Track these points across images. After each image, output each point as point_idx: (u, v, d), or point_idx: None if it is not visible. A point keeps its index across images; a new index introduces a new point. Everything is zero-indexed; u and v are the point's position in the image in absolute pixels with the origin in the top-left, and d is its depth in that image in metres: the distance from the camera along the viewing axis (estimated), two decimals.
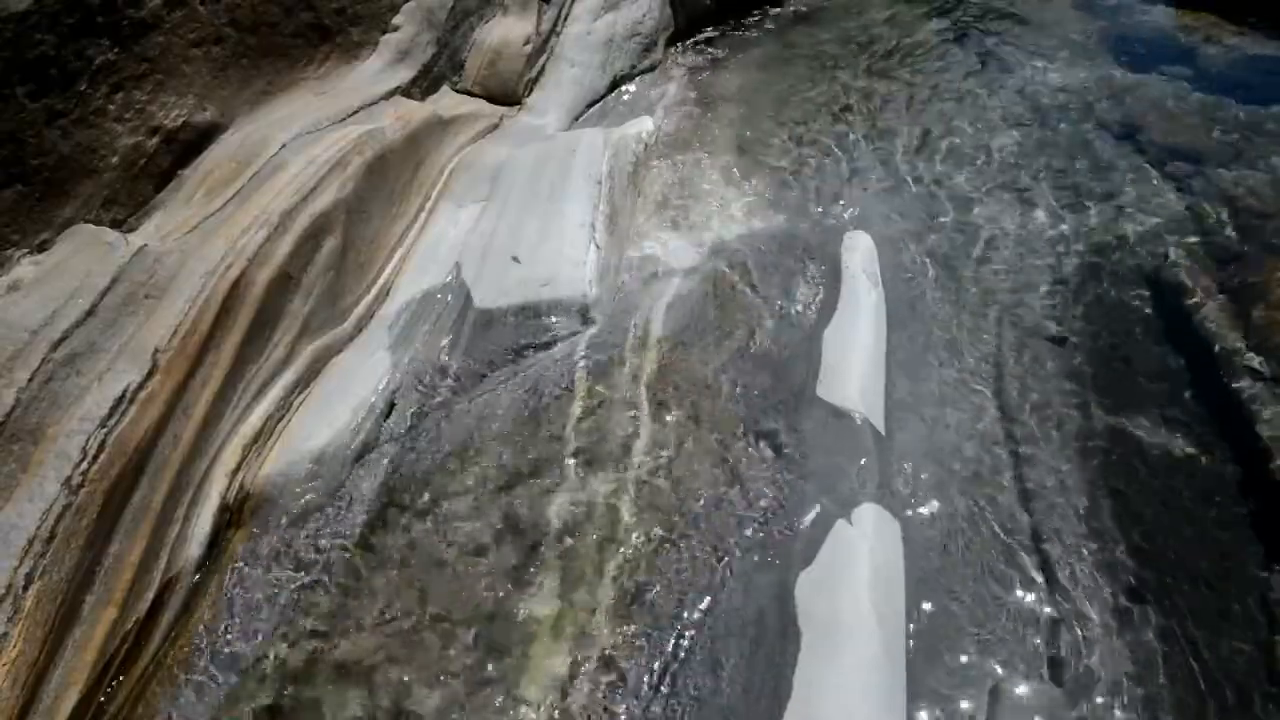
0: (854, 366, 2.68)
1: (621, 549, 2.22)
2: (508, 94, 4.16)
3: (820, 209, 3.67)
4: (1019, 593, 2.21)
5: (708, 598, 2.11)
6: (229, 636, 2.07)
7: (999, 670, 2.05)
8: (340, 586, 2.17)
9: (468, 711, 1.92)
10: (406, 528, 2.29)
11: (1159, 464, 2.53)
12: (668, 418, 2.56)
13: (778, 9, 5.59)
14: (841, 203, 3.70)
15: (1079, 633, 2.12)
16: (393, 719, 1.92)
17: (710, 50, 5.18)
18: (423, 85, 3.80)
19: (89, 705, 1.87)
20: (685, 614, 2.08)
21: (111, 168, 2.55)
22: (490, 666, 1.99)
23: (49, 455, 1.90)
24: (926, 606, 2.16)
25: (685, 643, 2.02)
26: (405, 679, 1.98)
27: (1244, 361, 2.71)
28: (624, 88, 4.67)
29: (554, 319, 2.87)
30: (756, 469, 2.42)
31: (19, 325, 2.04)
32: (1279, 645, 2.05)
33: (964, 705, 1.98)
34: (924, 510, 2.39)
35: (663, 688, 1.94)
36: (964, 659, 2.07)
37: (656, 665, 1.98)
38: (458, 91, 4.06)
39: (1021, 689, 2.01)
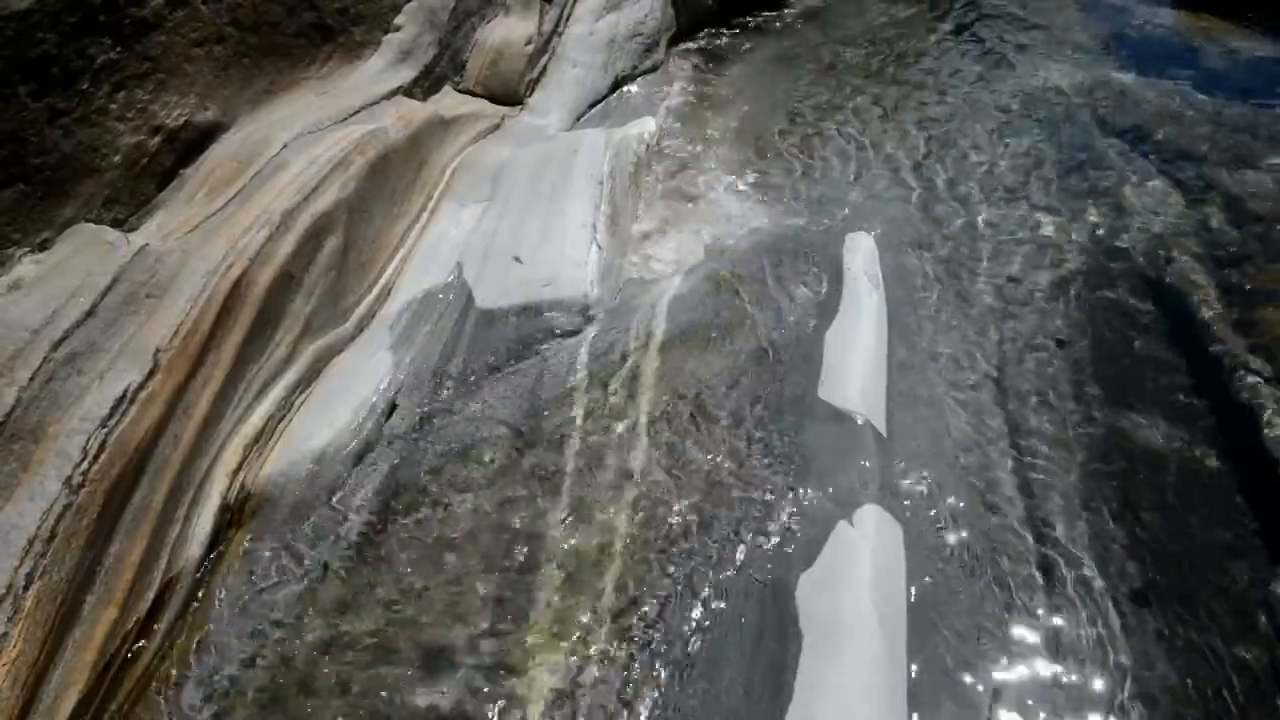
0: (855, 368, 2.68)
1: (622, 549, 2.22)
2: (509, 94, 4.16)
3: (822, 210, 3.66)
4: (1020, 593, 2.20)
5: (708, 599, 2.10)
6: (229, 636, 2.07)
7: (1001, 671, 2.05)
8: (341, 586, 2.17)
9: (468, 711, 1.91)
10: (407, 528, 2.29)
11: (1161, 465, 2.53)
12: (669, 418, 2.56)
13: (780, 10, 5.59)
14: (843, 204, 3.70)
15: (1080, 633, 2.12)
16: (393, 716, 1.91)
17: (712, 51, 5.18)
18: (424, 85, 3.80)
19: (89, 705, 1.87)
20: (686, 615, 2.07)
21: (113, 167, 2.55)
22: (491, 667, 1.99)
23: (50, 455, 1.90)
24: (928, 607, 2.15)
25: (686, 644, 2.02)
26: (406, 678, 1.98)
27: (1245, 362, 2.71)
28: (626, 88, 4.67)
29: (555, 319, 2.87)
30: (757, 470, 2.41)
31: (20, 324, 2.04)
32: None
33: (965, 706, 1.98)
34: (925, 511, 2.39)
35: (664, 690, 1.93)
36: (965, 659, 2.06)
37: (657, 667, 1.98)
38: (459, 91, 4.06)
39: (1023, 689, 2.01)
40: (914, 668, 2.01)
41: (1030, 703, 1.99)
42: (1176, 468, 2.52)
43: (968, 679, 2.03)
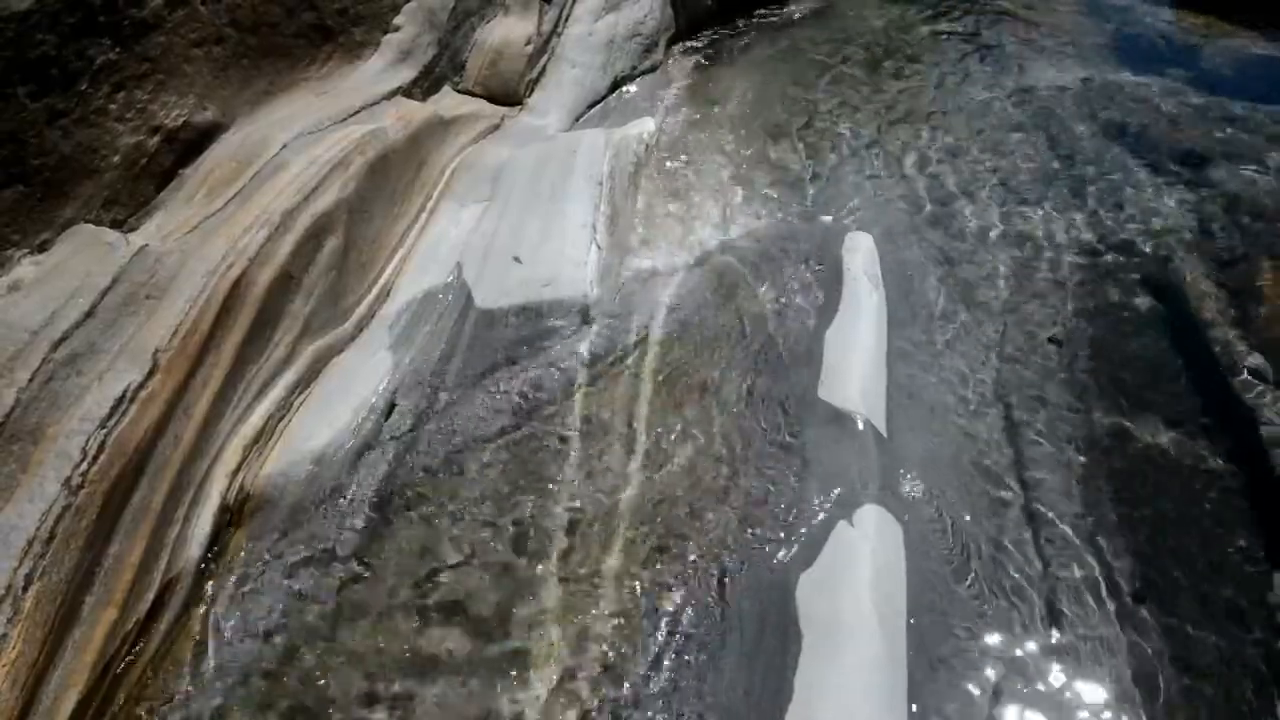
0: (855, 368, 2.68)
1: (622, 549, 2.22)
2: (509, 94, 4.16)
3: (821, 210, 3.66)
4: (1021, 593, 2.20)
5: (708, 599, 2.11)
6: (229, 637, 2.07)
7: (1001, 670, 2.05)
8: (341, 586, 2.16)
9: (469, 708, 1.91)
10: (407, 527, 2.29)
11: (1161, 465, 2.53)
12: (668, 418, 2.56)
13: (779, 11, 5.59)
14: (843, 204, 3.70)
15: (1081, 632, 2.12)
16: (395, 713, 1.91)
17: (711, 51, 5.18)
18: (424, 85, 3.80)
19: (89, 706, 1.86)
20: (686, 615, 2.07)
21: (112, 167, 2.55)
22: (491, 666, 1.99)
23: (49, 455, 1.89)
24: (928, 607, 2.15)
25: (686, 644, 2.02)
26: (407, 676, 1.98)
27: (1244, 361, 2.71)
28: (625, 88, 4.67)
29: (555, 319, 2.87)
30: (757, 470, 2.41)
31: (19, 325, 2.04)
32: None
33: (966, 706, 1.98)
34: (925, 511, 2.39)
35: (663, 689, 1.93)
36: (966, 659, 2.06)
37: (657, 667, 1.98)
38: (459, 92, 4.06)
39: (1023, 690, 2.01)
40: (914, 668, 2.01)
41: (1030, 702, 1.99)
42: (1176, 467, 2.52)
43: (968, 679, 2.03)
